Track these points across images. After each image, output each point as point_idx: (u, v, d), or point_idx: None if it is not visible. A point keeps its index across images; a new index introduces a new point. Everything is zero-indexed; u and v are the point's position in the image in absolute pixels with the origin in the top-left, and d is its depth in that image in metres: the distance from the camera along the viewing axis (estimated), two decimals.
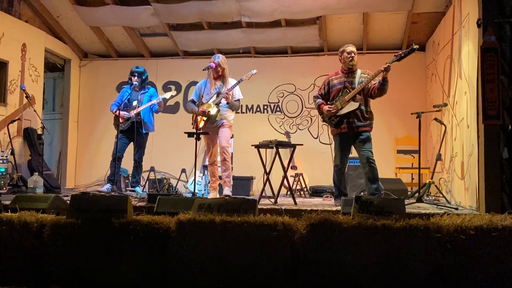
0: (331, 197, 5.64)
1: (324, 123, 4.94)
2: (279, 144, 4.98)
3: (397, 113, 7.08)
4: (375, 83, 4.58)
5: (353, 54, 4.69)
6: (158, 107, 5.95)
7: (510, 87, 4.13)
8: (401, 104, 7.00)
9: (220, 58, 5.27)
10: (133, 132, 5.78)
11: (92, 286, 2.99)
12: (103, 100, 7.68)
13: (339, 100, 4.69)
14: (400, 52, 4.46)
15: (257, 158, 5.19)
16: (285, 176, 5.01)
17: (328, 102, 4.78)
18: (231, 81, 5.28)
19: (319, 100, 4.87)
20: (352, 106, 4.61)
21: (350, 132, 4.65)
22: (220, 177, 5.35)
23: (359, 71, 4.74)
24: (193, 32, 7.34)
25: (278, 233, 2.92)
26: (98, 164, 7.80)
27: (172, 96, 6.26)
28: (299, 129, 7.63)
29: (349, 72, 4.74)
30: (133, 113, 5.81)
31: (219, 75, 5.30)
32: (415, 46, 4.34)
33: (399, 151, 6.94)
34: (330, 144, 7.49)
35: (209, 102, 5.22)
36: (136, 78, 5.92)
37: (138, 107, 5.86)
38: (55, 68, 8.11)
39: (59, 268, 3.08)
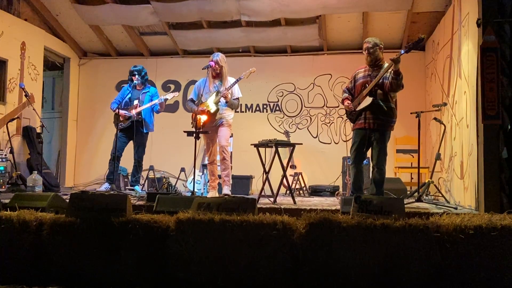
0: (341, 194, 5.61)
1: (347, 118, 4.82)
2: (279, 143, 4.98)
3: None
4: None
5: (366, 51, 4.52)
6: (159, 107, 5.94)
7: (509, 87, 4.13)
8: (401, 104, 6.87)
9: (219, 56, 5.26)
10: (133, 131, 5.77)
11: (91, 284, 2.99)
12: (103, 99, 7.68)
13: (359, 95, 4.57)
14: (408, 43, 4.32)
15: (256, 157, 5.19)
16: (284, 175, 5.01)
17: (355, 96, 4.67)
18: (230, 80, 5.28)
19: (345, 95, 4.75)
20: (367, 101, 4.44)
21: (366, 127, 4.50)
22: (220, 176, 5.35)
23: (386, 65, 4.44)
24: (193, 31, 7.33)
25: (277, 232, 2.92)
26: (97, 162, 7.79)
27: (174, 97, 6.22)
28: (298, 128, 7.63)
29: (374, 66, 4.55)
30: (134, 112, 5.80)
31: (218, 74, 5.29)
32: (423, 36, 4.25)
33: (398, 151, 6.93)
34: (330, 143, 7.51)
35: (208, 101, 5.21)
36: (136, 76, 5.92)
37: (139, 106, 5.86)
38: (54, 66, 8.10)
39: (58, 267, 3.08)
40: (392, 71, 4.30)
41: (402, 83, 4.35)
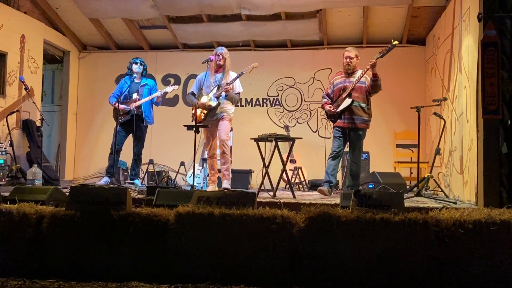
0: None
1: (328, 120, 5.25)
2: (278, 138, 4.98)
3: (396, 107, 7.07)
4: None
5: (348, 60, 4.96)
6: (157, 100, 5.93)
7: (510, 82, 4.13)
8: (401, 98, 6.99)
9: (223, 50, 5.30)
10: (133, 125, 5.76)
11: (91, 278, 2.99)
12: (102, 93, 7.66)
13: (339, 98, 4.96)
14: (382, 49, 4.73)
15: (256, 151, 5.19)
16: (284, 170, 5.01)
17: (333, 101, 5.07)
18: (232, 74, 5.27)
19: (324, 100, 5.17)
20: (347, 102, 4.84)
21: (347, 126, 4.90)
22: (219, 170, 5.35)
23: (359, 71, 4.95)
24: (193, 25, 7.31)
25: (276, 226, 2.93)
26: (97, 156, 7.80)
27: (174, 90, 6.21)
28: (298, 122, 7.63)
29: (351, 72, 4.99)
30: (133, 106, 5.78)
31: (220, 67, 5.29)
32: (395, 42, 4.68)
33: (398, 145, 6.94)
34: (329, 138, 7.51)
35: (209, 95, 5.21)
36: (138, 65, 5.91)
37: (138, 99, 5.84)
38: (54, 60, 8.07)
39: (57, 260, 3.09)
40: (371, 75, 4.77)
41: (381, 83, 4.78)
